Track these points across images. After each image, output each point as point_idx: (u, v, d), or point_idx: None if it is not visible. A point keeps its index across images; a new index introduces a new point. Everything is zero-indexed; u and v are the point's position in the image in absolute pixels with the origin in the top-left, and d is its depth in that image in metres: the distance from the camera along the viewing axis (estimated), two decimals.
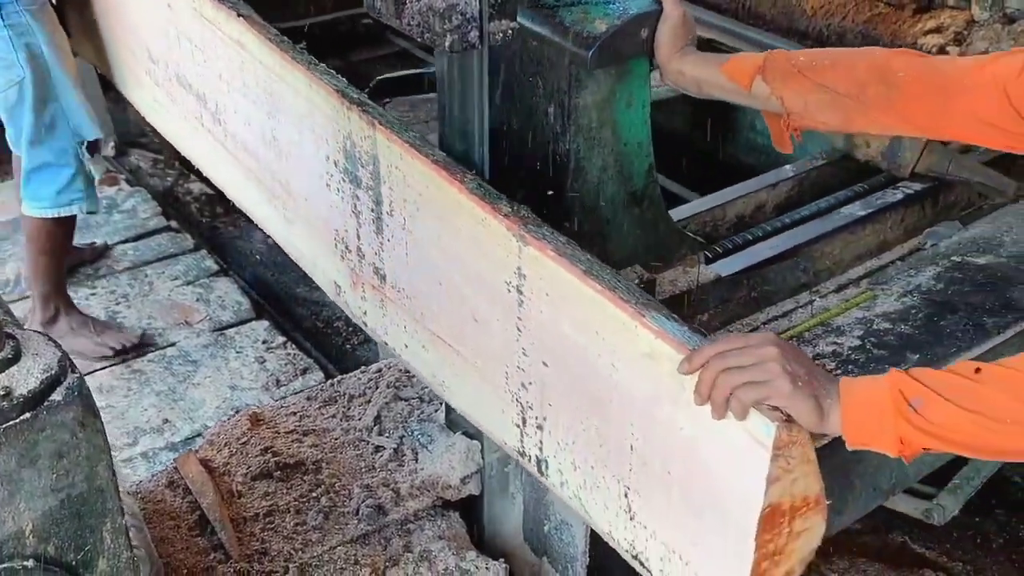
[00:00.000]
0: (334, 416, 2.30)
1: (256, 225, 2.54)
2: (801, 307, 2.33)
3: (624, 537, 1.71)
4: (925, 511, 2.54)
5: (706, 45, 3.43)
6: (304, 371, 3.00)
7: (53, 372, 1.26)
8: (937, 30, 3.46)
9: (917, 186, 2.64)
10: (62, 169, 2.83)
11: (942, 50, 3.42)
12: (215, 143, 2.54)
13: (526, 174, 1.89)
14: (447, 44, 1.65)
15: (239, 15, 2.20)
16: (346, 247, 2.15)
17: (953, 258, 2.49)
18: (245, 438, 2.22)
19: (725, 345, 1.40)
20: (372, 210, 2.00)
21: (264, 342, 3.13)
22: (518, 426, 1.84)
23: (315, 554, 2.01)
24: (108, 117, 2.90)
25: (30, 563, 1.29)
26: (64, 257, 3.05)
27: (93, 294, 3.33)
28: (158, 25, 2.61)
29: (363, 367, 2.49)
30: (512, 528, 2.27)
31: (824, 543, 2.97)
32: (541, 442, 1.81)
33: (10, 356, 1.24)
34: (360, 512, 2.07)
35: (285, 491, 2.12)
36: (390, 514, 2.09)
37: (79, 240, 3.31)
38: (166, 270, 3.46)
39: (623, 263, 2.00)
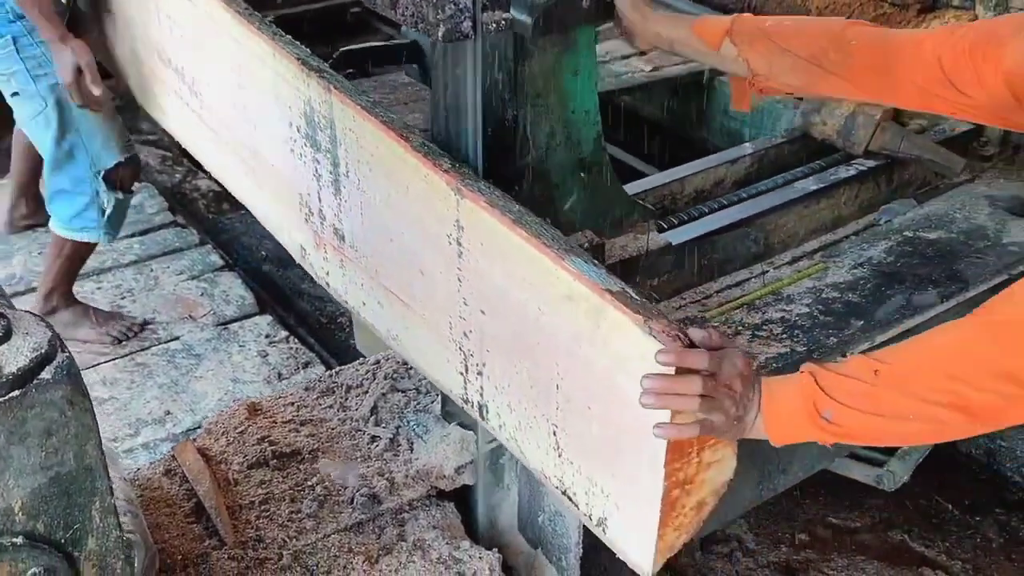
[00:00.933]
0: (331, 406, 2.32)
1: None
2: (754, 277, 2.43)
3: (554, 474, 1.80)
4: (876, 477, 2.60)
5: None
6: (306, 365, 3.02)
7: (43, 351, 1.27)
8: None
9: (871, 163, 2.72)
10: (77, 197, 2.88)
11: None
12: (193, 115, 2.64)
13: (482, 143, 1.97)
14: (440, 34, 1.67)
15: None
16: (309, 210, 2.25)
17: (905, 233, 2.60)
18: (243, 427, 2.24)
19: (710, 366, 1.45)
20: (330, 172, 2.10)
21: (267, 336, 3.15)
22: (462, 374, 1.94)
23: (309, 542, 2.02)
24: (127, 138, 2.93)
25: (19, 540, 1.30)
26: (79, 268, 3.11)
27: (99, 288, 3.36)
28: (147, 7, 2.71)
29: (361, 359, 2.51)
30: (507, 519, 2.28)
31: (823, 541, 2.99)
32: (482, 388, 1.91)
33: (0, 334, 1.26)
34: (355, 501, 2.08)
35: (281, 479, 2.13)
36: (384, 503, 2.10)
37: None
38: (171, 264, 3.49)
39: (574, 228, 2.07)
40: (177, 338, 3.15)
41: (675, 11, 2.81)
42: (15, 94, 2.79)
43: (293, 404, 2.32)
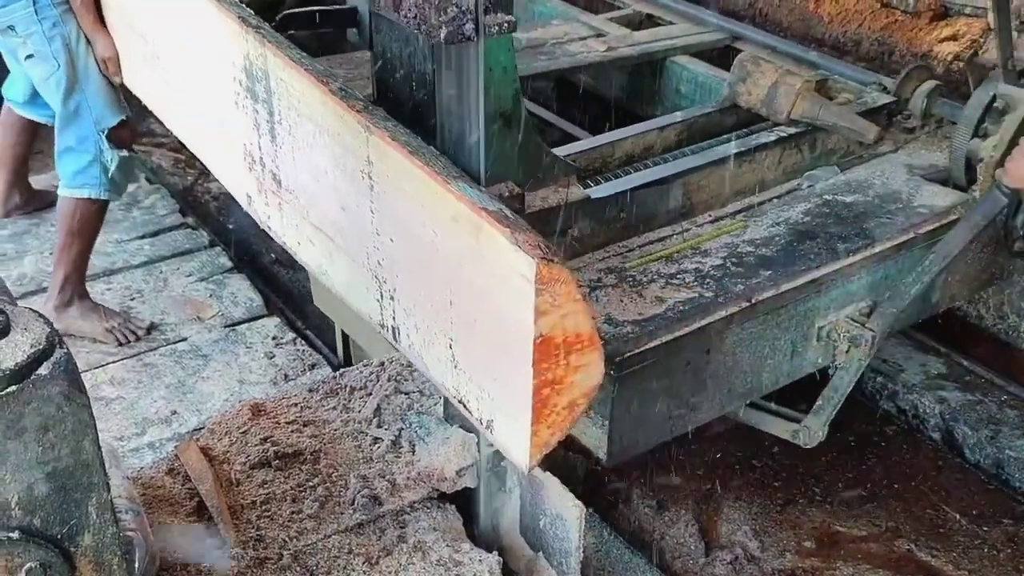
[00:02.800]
0: (334, 408, 2.32)
1: None
2: (677, 234, 2.62)
3: (452, 384, 1.96)
4: (792, 432, 2.67)
5: (724, 51, 3.48)
6: (312, 367, 3.03)
7: (41, 347, 1.28)
8: (953, 38, 3.46)
9: (792, 130, 2.89)
10: (82, 155, 3.00)
11: (957, 57, 3.41)
12: (160, 82, 2.84)
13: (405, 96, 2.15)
14: (442, 36, 1.67)
15: None
16: (252, 159, 2.44)
17: (825, 196, 2.79)
18: (246, 427, 2.25)
19: None
20: (267, 121, 2.28)
21: (274, 338, 3.17)
22: (378, 300, 2.11)
23: (310, 542, 2.03)
24: (124, 102, 3.05)
25: (15, 534, 1.31)
26: (91, 244, 3.16)
27: (109, 288, 3.38)
28: None
29: (366, 360, 2.51)
30: (508, 522, 2.28)
31: (828, 548, 2.97)
32: (394, 312, 2.08)
33: None
34: (355, 502, 2.09)
35: (283, 480, 2.14)
36: (385, 505, 2.11)
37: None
38: (181, 266, 3.51)
39: (496, 179, 2.19)
40: (185, 339, 3.17)
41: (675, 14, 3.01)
42: (29, 56, 2.93)
43: (296, 405, 2.33)
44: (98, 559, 1.40)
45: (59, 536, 1.35)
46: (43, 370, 1.27)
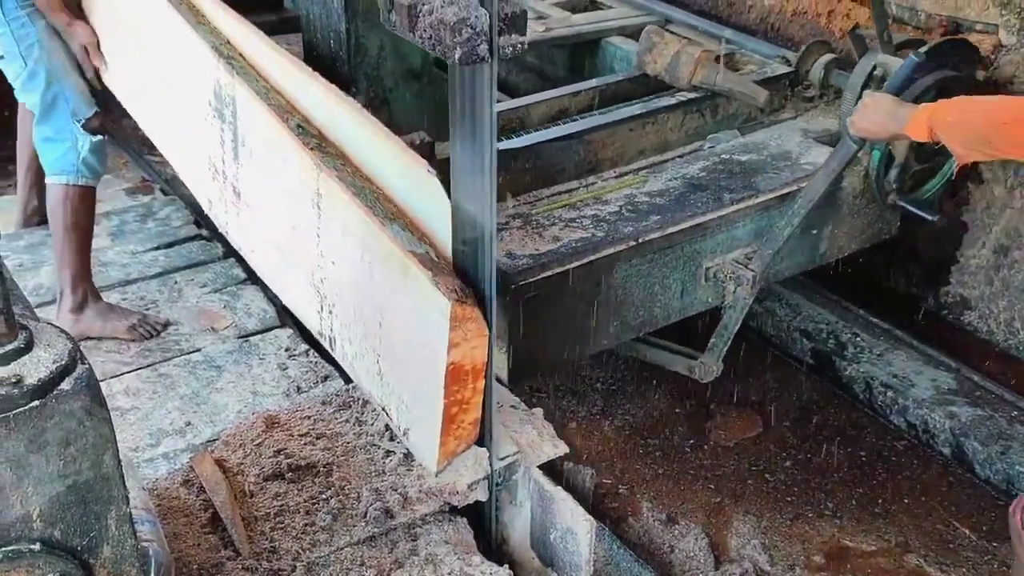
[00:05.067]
0: (347, 421, 2.34)
1: None
2: (583, 187, 2.94)
3: (378, 394, 2.26)
4: (689, 367, 2.95)
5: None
6: (325, 379, 3.04)
7: (63, 362, 1.31)
8: None
9: (693, 95, 3.20)
10: (59, 143, 3.11)
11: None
12: (138, 84, 3.12)
13: (322, 50, 2.46)
14: (456, 57, 1.70)
15: None
16: (215, 170, 2.66)
17: (723, 156, 3.11)
18: (259, 439, 2.27)
19: None
20: (232, 140, 2.50)
21: (287, 350, 3.18)
22: (318, 312, 2.40)
23: (322, 554, 2.05)
24: (98, 94, 3.22)
25: (37, 546, 1.33)
26: (89, 237, 3.22)
27: (124, 299, 3.41)
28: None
29: None
30: (519, 536, 2.29)
31: (838, 563, 2.98)
32: (332, 325, 2.37)
33: (22, 346, 1.29)
34: (368, 515, 2.11)
35: (296, 492, 2.16)
36: (397, 517, 2.13)
37: (115, 242, 3.42)
38: (195, 277, 3.53)
39: (409, 129, 2.49)
40: (199, 349, 3.19)
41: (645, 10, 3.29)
42: (0, 57, 3.05)
43: (310, 418, 2.35)
44: (117, 571, 1.42)
45: (79, 548, 1.38)
46: (65, 385, 1.30)
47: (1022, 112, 2.21)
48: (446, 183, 1.94)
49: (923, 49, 2.87)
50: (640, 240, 2.68)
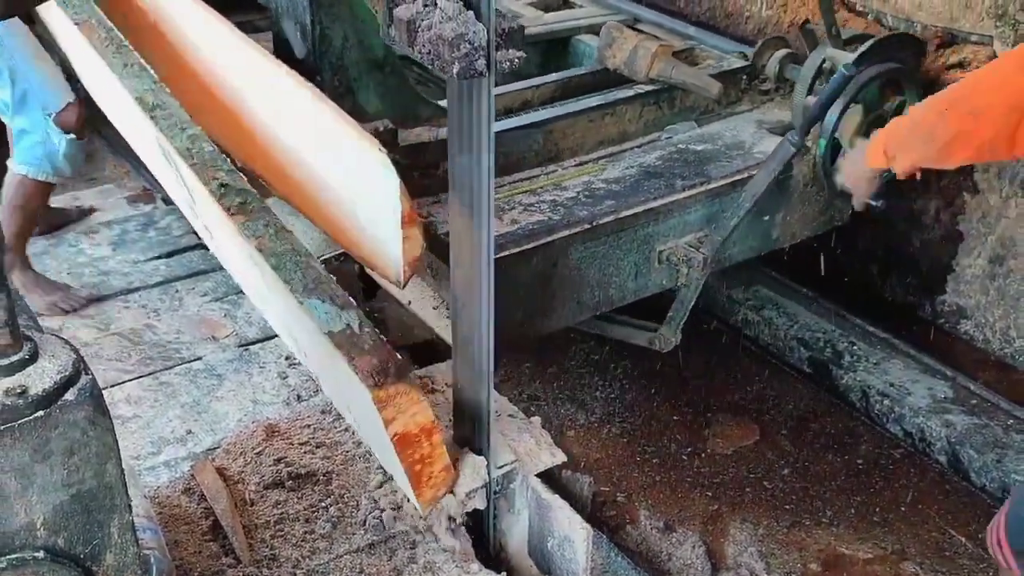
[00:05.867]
0: (346, 430, 2.37)
1: None
2: (545, 174, 3.09)
3: (363, 438, 2.33)
4: (649, 339, 3.11)
5: (730, 75, 3.54)
6: None
7: (67, 373, 1.33)
8: (960, 65, 3.49)
9: (650, 87, 3.32)
10: (32, 135, 3.20)
11: None
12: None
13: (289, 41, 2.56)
14: (455, 71, 1.72)
15: (75, 24, 2.87)
16: (188, 207, 2.75)
17: (679, 146, 3.26)
18: (260, 448, 2.29)
19: None
20: (184, 187, 2.57)
21: (287, 358, 3.20)
22: (297, 351, 2.52)
23: (322, 561, 2.07)
24: (68, 86, 3.30)
25: (41, 554, 1.36)
26: (34, 221, 3.36)
27: (126, 307, 3.44)
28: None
29: None
30: (517, 544, 2.31)
31: (835, 571, 2.99)
32: (311, 367, 2.46)
33: (27, 357, 1.32)
34: (367, 523, 2.13)
35: (296, 500, 2.18)
36: (396, 525, 2.15)
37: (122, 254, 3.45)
38: (196, 286, 3.56)
39: (373, 117, 2.58)
40: (200, 358, 3.21)
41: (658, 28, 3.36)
42: None
43: (309, 426, 2.38)
44: None
45: (82, 556, 1.40)
46: (69, 396, 1.32)
47: (958, 94, 2.21)
48: (410, 166, 2.03)
49: (868, 44, 3.06)
50: (594, 223, 2.83)
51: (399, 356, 1.93)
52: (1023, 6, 3.22)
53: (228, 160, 2.43)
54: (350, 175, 2.19)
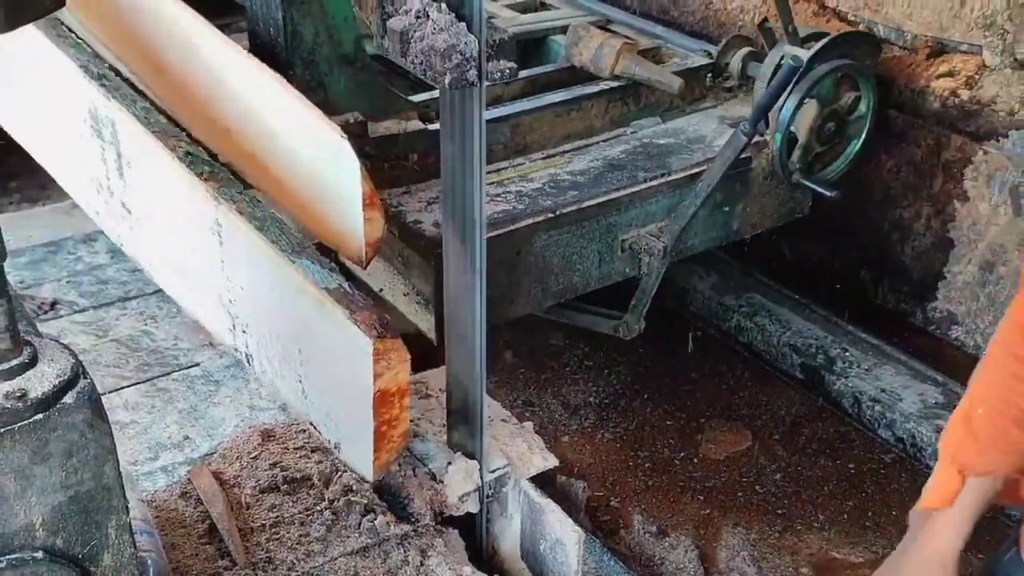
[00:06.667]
0: None
1: None
2: (512, 167, 3.20)
3: (302, 411, 2.39)
4: (613, 327, 3.24)
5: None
6: None
7: (66, 377, 1.36)
8: (949, 74, 3.53)
9: (615, 84, 3.44)
10: None
11: (954, 93, 3.48)
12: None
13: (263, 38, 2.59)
14: (447, 82, 1.76)
15: None
16: (100, 186, 2.74)
17: (643, 140, 3.40)
18: (256, 452, 2.32)
19: None
20: (115, 160, 2.57)
21: None
22: (231, 330, 2.54)
23: (317, 564, 2.10)
24: None
25: (39, 554, 1.38)
26: None
27: (124, 314, 3.46)
28: None
29: None
30: (509, 547, 2.34)
31: (826, 574, 3.02)
32: (247, 342, 2.50)
33: (27, 361, 1.34)
34: (361, 526, 2.16)
35: (291, 504, 2.21)
36: (391, 529, 2.17)
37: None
38: None
39: (344, 110, 2.66)
40: (197, 364, 3.23)
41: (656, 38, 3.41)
42: None
43: (304, 431, 2.40)
44: None
45: (80, 556, 1.42)
46: (68, 399, 1.35)
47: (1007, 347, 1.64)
48: (380, 158, 2.20)
49: (823, 41, 3.18)
50: (558, 212, 2.96)
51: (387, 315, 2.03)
52: (1011, 16, 3.26)
53: (186, 134, 2.46)
54: (316, 162, 2.23)
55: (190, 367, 3.23)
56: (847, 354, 3.60)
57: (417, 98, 3.07)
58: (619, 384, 3.72)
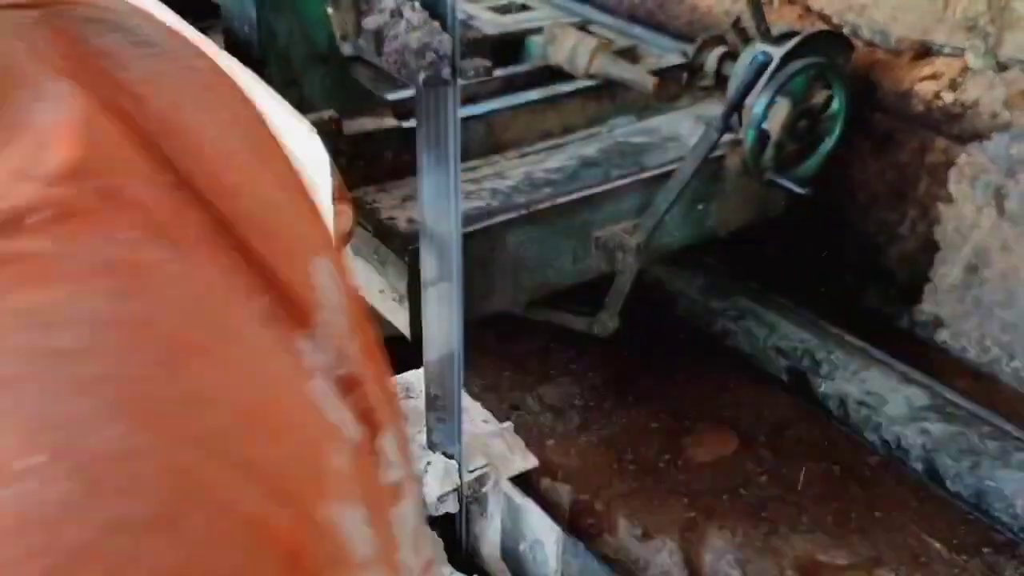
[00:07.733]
0: None
1: None
2: (488, 164, 3.21)
3: None
4: (588, 324, 3.23)
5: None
6: None
7: None
8: (933, 76, 3.54)
9: (590, 83, 3.47)
10: None
11: (937, 96, 3.49)
12: None
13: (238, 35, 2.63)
14: (421, 79, 1.76)
15: None
16: None
17: (619, 139, 3.42)
18: None
19: None
20: None
21: None
22: None
23: None
24: None
25: None
26: None
27: None
28: None
29: None
30: (489, 547, 2.34)
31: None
32: None
33: None
34: None
35: None
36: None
37: None
38: None
39: (318, 108, 2.69)
40: None
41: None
42: None
43: None
44: None
45: None
46: None
47: None
48: (355, 156, 2.24)
49: (794, 40, 3.20)
50: (531, 209, 2.99)
51: None
52: (993, 18, 3.27)
53: None
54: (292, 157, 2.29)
55: None
56: (833, 357, 3.60)
57: (392, 96, 3.11)
58: (604, 387, 3.72)
